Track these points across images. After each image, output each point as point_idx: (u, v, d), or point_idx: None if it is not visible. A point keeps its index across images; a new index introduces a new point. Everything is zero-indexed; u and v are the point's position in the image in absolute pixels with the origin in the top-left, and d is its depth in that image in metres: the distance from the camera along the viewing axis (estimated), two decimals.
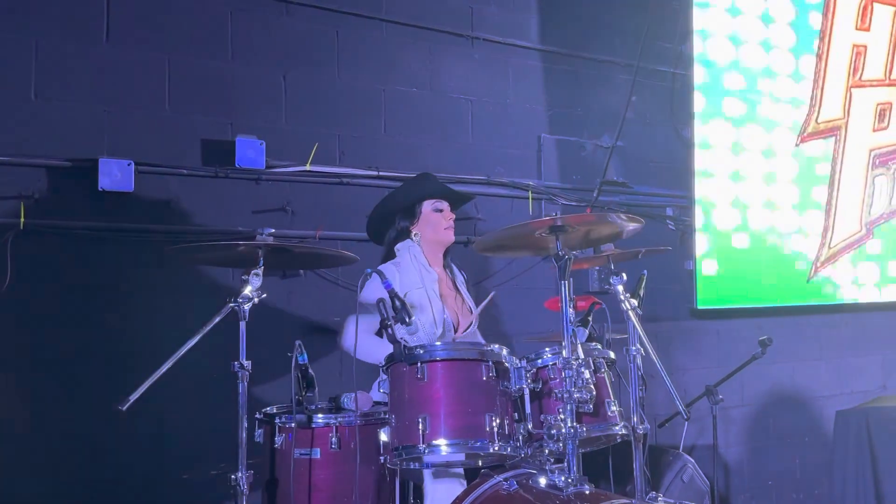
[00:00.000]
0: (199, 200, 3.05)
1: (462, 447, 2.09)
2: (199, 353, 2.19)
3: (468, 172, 3.62)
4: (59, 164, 2.83)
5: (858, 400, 4.43)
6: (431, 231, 2.88)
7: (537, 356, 2.26)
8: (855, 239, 4.50)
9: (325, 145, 3.29)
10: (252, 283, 2.15)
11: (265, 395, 2.87)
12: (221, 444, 2.68)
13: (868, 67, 4.51)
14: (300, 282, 3.22)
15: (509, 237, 2.34)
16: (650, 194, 4.12)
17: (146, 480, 2.87)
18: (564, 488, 2.04)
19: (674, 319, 4.13)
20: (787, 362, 4.48)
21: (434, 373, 2.14)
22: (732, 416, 4.26)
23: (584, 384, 2.09)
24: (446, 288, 2.92)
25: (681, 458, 3.24)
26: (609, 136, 4.00)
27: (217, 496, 2.94)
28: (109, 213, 2.88)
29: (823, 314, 4.59)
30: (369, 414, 2.29)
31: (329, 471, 2.21)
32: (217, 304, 2.19)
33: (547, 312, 3.24)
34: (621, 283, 2.47)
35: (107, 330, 2.86)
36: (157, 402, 2.74)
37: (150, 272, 2.92)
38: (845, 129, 4.45)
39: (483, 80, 3.75)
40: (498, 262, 3.67)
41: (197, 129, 3.08)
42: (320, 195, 3.28)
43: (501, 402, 2.16)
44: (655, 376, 2.47)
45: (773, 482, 4.41)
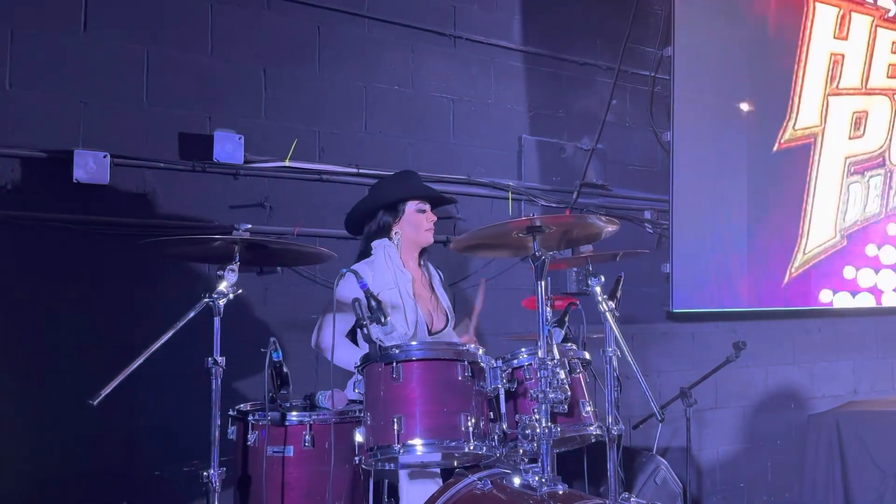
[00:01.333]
0: (176, 194, 3.02)
1: (437, 447, 2.09)
2: (172, 349, 2.16)
3: (449, 172, 3.62)
4: (33, 155, 2.79)
5: (830, 404, 4.50)
6: (412, 231, 2.87)
7: (513, 356, 2.26)
8: (829, 245, 4.56)
9: (304, 141, 3.27)
10: (227, 279, 2.13)
11: (239, 391, 2.86)
12: (194, 441, 2.66)
13: (845, 76, 4.57)
14: (277, 278, 3.20)
15: (487, 237, 2.34)
16: (629, 197, 4.15)
17: (118, 476, 2.84)
18: (538, 488, 2.04)
19: (650, 322, 4.16)
20: (760, 366, 4.53)
21: (410, 372, 2.14)
22: (706, 419, 4.30)
23: (559, 385, 2.09)
24: (421, 287, 2.91)
25: (654, 460, 3.27)
26: (589, 138, 4.02)
27: (189, 493, 2.93)
28: (84, 205, 2.85)
29: (797, 319, 4.65)
30: (344, 412, 2.28)
31: (302, 469, 2.19)
32: (192, 299, 2.16)
33: (525, 311, 3.25)
34: (599, 285, 2.48)
35: (79, 323, 2.82)
36: (130, 398, 2.73)
37: (125, 266, 2.89)
38: (822, 137, 4.50)
39: (465, 79, 3.75)
40: (476, 262, 3.67)
41: (175, 122, 3.05)
42: (299, 192, 3.27)
43: (477, 402, 2.16)
44: (631, 377, 2.48)
45: (745, 484, 4.46)
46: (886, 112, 4.77)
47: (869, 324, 4.97)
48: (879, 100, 4.73)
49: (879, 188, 4.76)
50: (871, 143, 4.71)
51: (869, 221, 4.73)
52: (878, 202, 4.75)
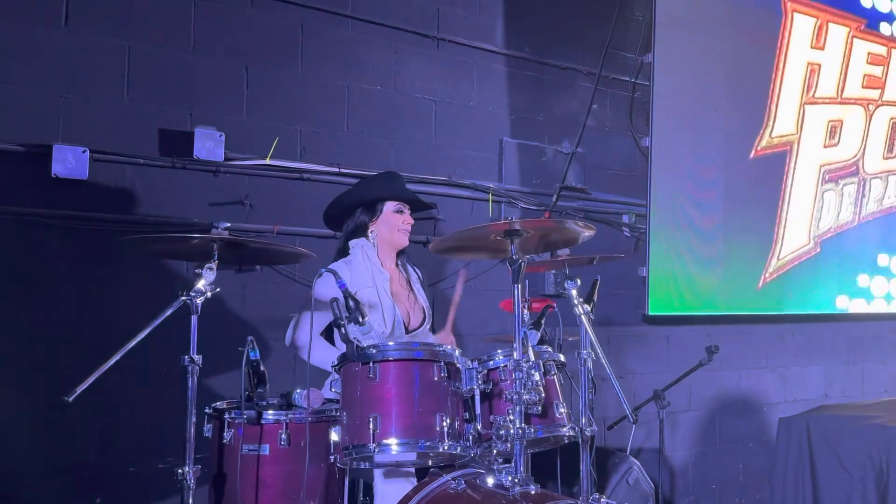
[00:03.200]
0: (156, 191, 3.01)
1: (412, 446, 2.11)
2: (149, 346, 2.16)
3: (430, 172, 3.64)
4: (11, 149, 2.77)
5: (801, 408, 4.56)
6: (387, 231, 2.89)
7: (489, 358, 2.29)
8: (803, 251, 4.64)
9: (285, 140, 3.27)
10: (206, 277, 2.14)
11: (216, 390, 2.85)
12: (169, 438, 2.67)
13: (821, 85, 4.65)
14: (255, 276, 3.20)
15: (466, 239, 2.36)
16: (607, 201, 4.19)
17: (92, 471, 2.83)
18: (511, 488, 2.07)
19: (625, 324, 4.21)
20: (733, 370, 4.60)
21: (386, 372, 2.16)
22: (679, 421, 4.36)
23: (534, 386, 2.12)
24: (398, 286, 2.93)
25: (627, 461, 3.31)
26: (569, 142, 4.06)
27: (163, 489, 2.93)
28: (62, 200, 2.83)
29: (770, 324, 4.73)
30: (320, 411, 2.29)
31: (277, 468, 2.20)
32: (169, 296, 2.16)
33: (502, 313, 3.28)
34: (575, 288, 2.51)
35: (55, 319, 2.81)
36: (105, 394, 2.71)
37: (103, 262, 2.88)
38: (797, 145, 4.58)
39: (447, 81, 3.77)
40: (455, 263, 3.69)
41: (155, 118, 3.04)
42: (279, 190, 3.27)
43: (452, 403, 2.18)
44: (606, 380, 2.52)
45: (717, 486, 4.52)
46: (861, 121, 4.86)
47: (840, 330, 5.06)
48: (854, 109, 4.82)
49: (853, 196, 4.84)
50: (845, 151, 4.80)
51: (842, 229, 4.81)
52: (851, 210, 4.84)
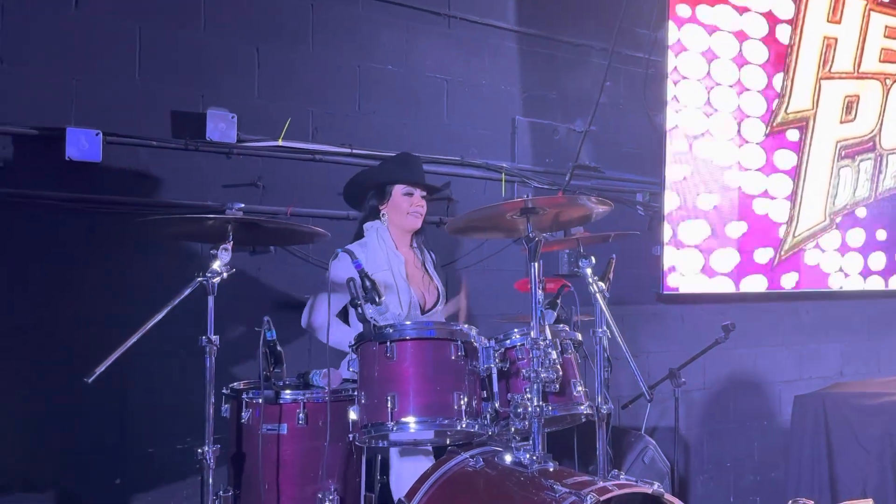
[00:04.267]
0: (169, 173, 3.01)
1: (430, 424, 2.11)
2: (166, 328, 2.18)
3: (442, 152, 3.62)
4: (25, 132, 2.77)
5: (817, 386, 4.55)
6: (397, 215, 2.89)
7: (506, 337, 2.29)
8: (819, 229, 4.60)
9: (297, 121, 3.26)
10: (221, 258, 2.14)
11: (233, 371, 2.87)
12: (188, 420, 2.68)
13: (838, 60, 4.59)
14: (270, 258, 3.19)
15: (480, 218, 2.35)
16: (621, 179, 4.16)
17: (111, 453, 2.86)
18: (529, 465, 2.07)
19: (640, 303, 4.19)
20: (749, 348, 4.58)
21: (403, 352, 2.16)
22: (694, 399, 4.36)
23: (551, 364, 2.12)
24: (413, 268, 2.93)
25: (642, 440, 3.31)
26: (582, 120, 4.02)
27: (182, 471, 2.95)
28: (77, 183, 2.83)
29: (786, 301, 4.70)
30: (337, 391, 2.29)
31: (296, 446, 2.21)
32: (185, 278, 2.17)
33: (517, 294, 3.27)
34: (590, 267, 2.50)
35: (72, 302, 2.82)
36: (124, 376, 2.75)
37: (118, 244, 2.88)
38: (813, 121, 4.52)
39: (459, 59, 3.74)
40: (469, 244, 3.68)
41: (167, 100, 3.03)
42: (292, 172, 3.26)
43: (470, 381, 2.19)
44: (621, 359, 2.51)
45: (732, 464, 4.52)
46: (878, 96, 4.79)
47: (856, 307, 5.03)
48: (871, 84, 4.75)
49: (869, 172, 4.79)
50: (862, 127, 4.74)
51: (858, 205, 4.76)
52: (867, 186, 4.79)
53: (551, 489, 1.88)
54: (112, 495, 2.85)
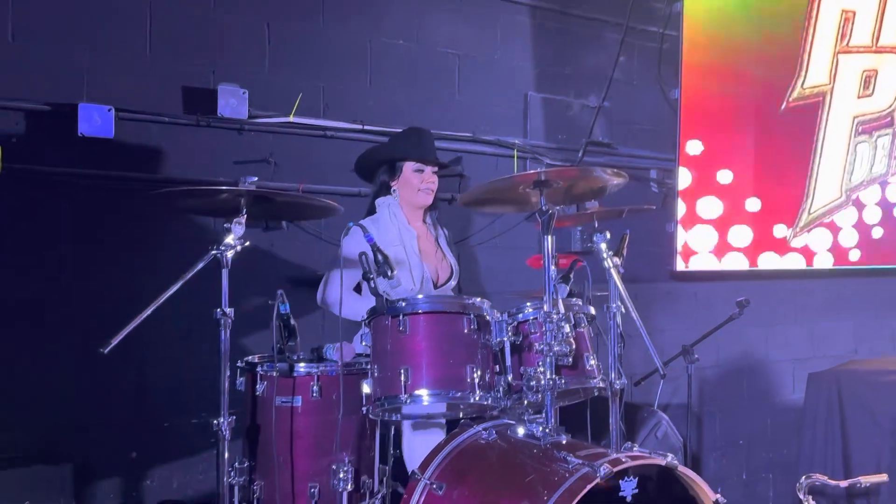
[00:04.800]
0: (180, 149, 3.01)
1: (443, 397, 2.12)
2: (180, 303, 2.18)
3: (454, 129, 3.60)
4: (37, 108, 2.77)
5: (830, 364, 4.51)
6: (408, 192, 2.88)
7: (518, 310, 2.28)
8: (835, 205, 4.55)
9: (308, 97, 3.25)
10: (234, 232, 2.14)
11: (248, 346, 2.88)
12: (203, 394, 2.70)
13: (856, 34, 4.51)
14: (283, 235, 3.20)
15: (493, 190, 2.34)
16: (635, 156, 4.12)
17: (128, 427, 2.89)
18: (542, 438, 2.07)
19: (653, 281, 4.18)
20: (762, 325, 4.56)
21: (416, 325, 2.15)
22: (707, 377, 4.34)
23: (564, 338, 2.11)
24: (426, 244, 2.92)
25: (655, 415, 3.31)
26: (596, 96, 3.98)
27: (197, 445, 2.98)
28: (89, 159, 2.84)
29: (800, 279, 4.66)
30: (351, 364, 2.30)
31: (310, 419, 2.23)
32: (199, 253, 2.17)
33: (528, 270, 3.26)
34: (604, 241, 2.47)
35: (86, 276, 2.84)
36: (139, 351, 2.77)
37: (130, 219, 2.89)
38: (830, 96, 4.46)
39: (471, 34, 3.70)
40: (481, 221, 3.68)
41: (178, 75, 3.02)
42: (304, 148, 3.25)
43: (482, 355, 2.18)
44: (634, 336, 2.49)
45: (744, 441, 4.52)
46: None
47: (871, 285, 4.98)
48: (889, 58, 4.66)
49: (887, 148, 4.72)
50: (879, 102, 4.66)
51: (875, 182, 4.71)
52: (885, 162, 4.72)
53: (564, 461, 1.89)
54: (128, 468, 2.89)
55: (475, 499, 1.97)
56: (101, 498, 2.83)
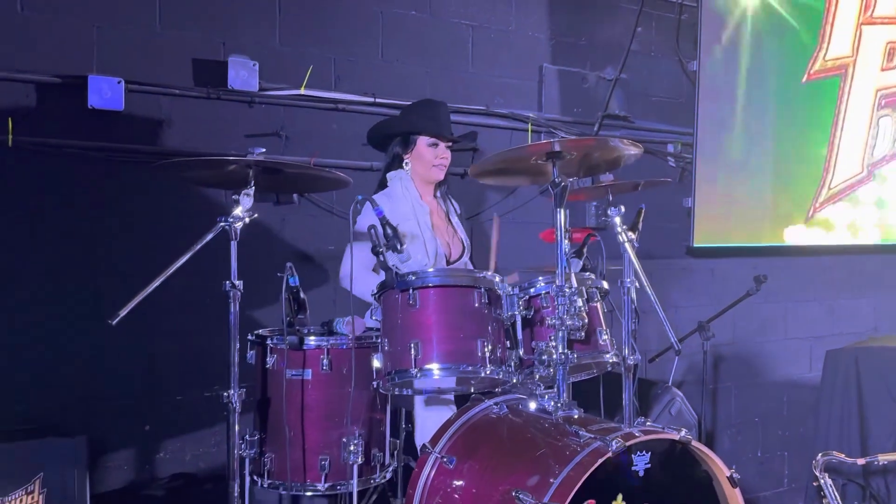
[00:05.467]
0: (191, 122, 2.98)
1: (454, 371, 2.10)
2: (190, 276, 2.17)
3: (467, 102, 3.54)
4: (47, 81, 2.75)
5: (849, 341, 4.46)
6: (421, 166, 2.84)
7: (530, 285, 2.25)
8: (856, 180, 4.46)
9: (319, 69, 3.21)
10: (243, 204, 2.12)
11: (257, 319, 2.88)
12: (215, 367, 2.70)
13: (880, 4, 4.38)
14: (294, 209, 3.18)
15: (506, 161, 2.29)
16: (652, 129, 4.05)
17: (140, 401, 2.90)
18: (553, 412, 2.05)
19: (669, 257, 4.13)
20: (780, 302, 4.50)
21: (426, 299, 2.13)
22: (722, 354, 4.30)
23: (577, 312, 2.08)
24: (438, 219, 2.89)
25: (669, 392, 3.28)
26: (612, 68, 3.90)
27: (209, 418, 2.99)
28: (99, 131, 2.82)
29: (819, 255, 4.59)
30: (361, 338, 2.29)
31: (320, 392, 2.22)
32: (208, 226, 2.15)
33: (541, 245, 3.21)
34: (619, 216, 2.44)
35: (96, 249, 2.83)
36: (150, 325, 2.77)
37: (140, 192, 2.88)
38: (853, 68, 4.35)
39: (485, 5, 3.63)
40: (493, 196, 3.64)
41: (188, 47, 2.99)
42: (315, 121, 3.22)
43: (493, 329, 2.16)
44: (649, 312, 2.46)
45: (760, 419, 4.48)
46: None
47: (891, 262, 4.90)
48: None
49: None
50: None
51: None
52: None
53: (576, 435, 1.86)
54: (141, 441, 2.91)
55: (486, 472, 1.95)
56: (114, 469, 2.85)
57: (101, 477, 2.79)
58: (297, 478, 2.20)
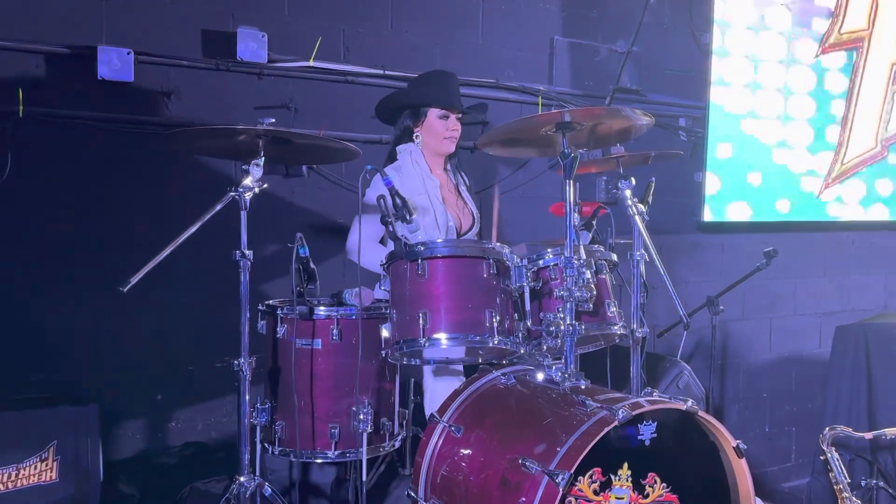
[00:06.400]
0: (200, 94, 2.98)
1: (462, 341, 2.11)
2: (201, 248, 2.18)
3: (477, 74, 3.52)
4: (57, 51, 2.75)
5: (859, 318, 4.44)
6: (431, 139, 2.84)
7: (538, 256, 2.25)
8: (869, 156, 4.41)
9: (328, 41, 3.19)
10: (253, 174, 2.12)
11: (266, 293, 2.89)
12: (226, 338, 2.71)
13: None
14: (303, 182, 3.18)
15: (515, 131, 2.28)
16: (663, 103, 4.01)
17: (153, 370, 2.93)
18: (561, 382, 2.06)
19: (679, 233, 4.11)
20: (790, 278, 4.48)
21: (435, 269, 2.14)
22: (731, 330, 4.30)
23: (585, 284, 2.08)
24: (448, 192, 2.90)
25: (678, 365, 3.28)
26: (624, 40, 3.86)
27: (220, 388, 3.02)
28: (109, 102, 2.82)
29: (830, 231, 4.56)
30: (370, 308, 2.30)
31: (330, 361, 2.24)
32: (216, 197, 2.16)
33: (551, 219, 3.21)
34: (629, 188, 2.43)
35: (107, 219, 2.85)
36: (161, 296, 2.79)
37: (150, 163, 2.89)
38: (868, 41, 4.29)
39: None
40: (503, 170, 3.63)
41: (197, 18, 2.98)
42: (324, 93, 3.21)
43: (502, 300, 2.16)
44: (658, 289, 2.45)
45: (768, 395, 4.49)
46: None
47: None
48: None
49: None
50: None
51: None
52: None
53: (583, 404, 1.87)
54: (153, 410, 2.94)
55: (493, 440, 1.97)
56: (126, 438, 2.89)
57: (113, 445, 2.83)
58: (307, 445, 2.23)
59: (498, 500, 1.83)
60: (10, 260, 2.72)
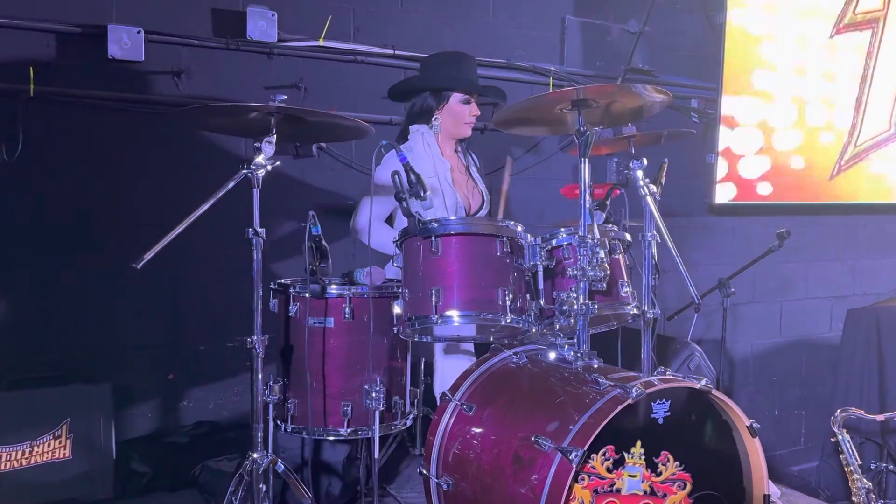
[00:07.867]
0: (210, 73, 2.97)
1: (474, 319, 2.10)
2: (213, 227, 2.17)
3: (488, 55, 3.49)
4: (68, 30, 2.74)
5: (870, 302, 4.43)
6: (452, 122, 2.82)
7: (552, 235, 2.24)
8: (882, 138, 4.37)
9: (339, 20, 3.17)
10: (265, 151, 2.11)
11: (277, 272, 2.89)
12: (236, 319, 2.71)
13: None
14: (314, 162, 3.18)
15: (529, 109, 2.27)
16: (676, 84, 3.97)
17: (164, 350, 2.95)
18: (573, 361, 2.06)
19: (690, 215, 4.09)
20: (801, 262, 4.46)
21: (448, 246, 2.13)
22: (742, 313, 4.28)
23: (598, 263, 2.07)
24: (458, 173, 2.88)
25: (688, 347, 3.27)
26: (637, 20, 3.82)
27: (232, 368, 3.03)
28: (119, 81, 2.82)
29: (843, 214, 4.53)
30: (382, 287, 2.29)
31: (342, 339, 2.24)
32: (228, 176, 2.14)
33: (562, 201, 3.18)
34: (641, 168, 2.42)
35: (118, 198, 2.85)
36: (173, 275, 2.80)
37: (161, 142, 2.89)
38: (883, 22, 4.23)
39: None
40: (514, 151, 3.60)
41: None
42: (334, 73, 3.19)
43: (515, 279, 2.15)
44: (669, 272, 2.44)
45: (778, 378, 4.48)
46: None
47: None
48: None
49: None
50: None
51: None
52: None
53: (595, 383, 1.87)
54: (165, 389, 2.96)
55: (505, 418, 1.97)
56: (138, 417, 2.91)
57: (125, 424, 2.85)
58: (320, 423, 2.23)
59: (510, 476, 1.83)
60: (23, 238, 2.73)
